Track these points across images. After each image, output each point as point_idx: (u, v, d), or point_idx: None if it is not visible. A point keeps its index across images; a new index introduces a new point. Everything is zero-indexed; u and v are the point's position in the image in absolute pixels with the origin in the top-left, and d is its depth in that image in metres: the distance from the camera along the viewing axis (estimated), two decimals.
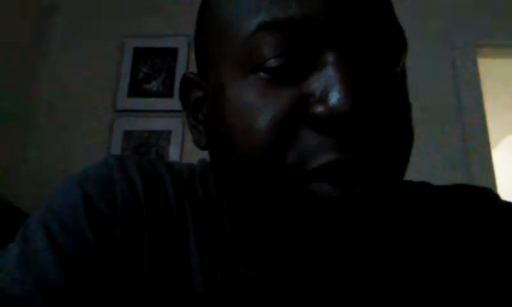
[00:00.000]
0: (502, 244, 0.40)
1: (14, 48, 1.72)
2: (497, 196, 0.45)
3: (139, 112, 1.82)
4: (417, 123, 0.36)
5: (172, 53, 1.88)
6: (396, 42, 0.35)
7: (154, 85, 1.85)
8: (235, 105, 0.34)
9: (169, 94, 1.82)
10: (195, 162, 0.47)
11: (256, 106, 0.32)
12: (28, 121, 1.82)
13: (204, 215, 0.42)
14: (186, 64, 1.85)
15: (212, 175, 0.44)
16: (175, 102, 1.77)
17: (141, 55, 1.89)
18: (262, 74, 0.33)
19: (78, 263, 0.35)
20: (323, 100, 0.31)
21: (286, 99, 0.32)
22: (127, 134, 1.78)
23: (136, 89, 1.85)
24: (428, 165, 1.58)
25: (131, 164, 0.42)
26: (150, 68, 1.87)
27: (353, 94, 0.30)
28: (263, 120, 0.32)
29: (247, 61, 0.34)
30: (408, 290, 0.39)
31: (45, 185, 1.63)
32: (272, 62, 0.32)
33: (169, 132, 1.77)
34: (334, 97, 0.30)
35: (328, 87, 0.31)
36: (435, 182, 0.47)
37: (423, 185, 0.46)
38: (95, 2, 2.00)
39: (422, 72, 1.75)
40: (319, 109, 0.31)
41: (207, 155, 0.42)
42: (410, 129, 0.35)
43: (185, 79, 0.42)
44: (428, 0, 1.90)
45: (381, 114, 0.32)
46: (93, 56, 1.91)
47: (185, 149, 1.74)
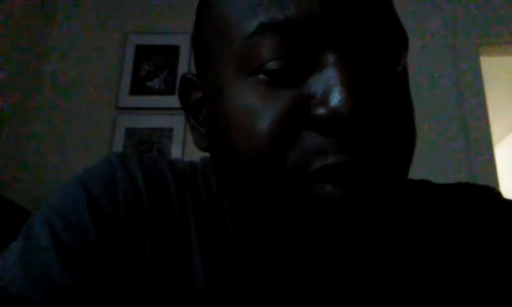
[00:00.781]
0: (504, 242, 0.40)
1: (16, 45, 1.73)
2: (499, 194, 0.45)
3: (141, 109, 1.82)
4: (419, 122, 0.36)
5: (174, 51, 1.88)
6: (397, 41, 0.35)
7: (156, 83, 1.85)
8: (235, 107, 0.34)
9: (171, 91, 1.83)
10: (197, 160, 0.47)
11: (256, 109, 0.32)
12: (30, 118, 1.82)
13: (206, 213, 0.42)
14: (188, 61, 1.85)
15: (214, 174, 0.44)
16: (177, 100, 1.76)
17: (143, 52, 1.89)
18: (262, 76, 0.33)
19: (81, 261, 0.35)
20: (324, 102, 0.30)
21: (286, 101, 0.32)
22: (129, 132, 1.78)
23: (138, 86, 1.85)
24: (430, 163, 1.58)
25: (133, 162, 0.42)
26: (152, 66, 1.87)
27: (354, 95, 0.30)
28: (263, 123, 0.32)
29: (246, 63, 0.33)
30: (409, 289, 0.39)
31: (47, 183, 1.64)
32: (271, 64, 0.32)
33: (171, 130, 1.77)
34: (335, 98, 0.30)
35: (329, 88, 0.31)
36: (437, 181, 0.47)
37: (424, 184, 0.46)
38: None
39: (424, 71, 1.74)
40: (320, 111, 0.30)
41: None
42: (412, 129, 0.35)
43: (184, 80, 0.42)
44: None
45: (383, 115, 0.32)
46: (95, 54, 1.91)
47: (187, 146, 1.74)
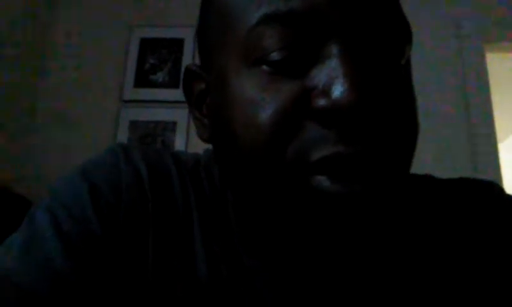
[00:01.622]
0: (506, 238, 0.40)
1: (19, 38, 1.73)
2: (502, 190, 0.45)
3: (145, 102, 1.82)
4: (423, 118, 0.36)
5: (178, 44, 1.88)
6: (401, 34, 0.34)
7: (160, 76, 1.85)
8: (237, 98, 0.34)
9: (175, 85, 1.83)
10: (200, 153, 0.47)
11: (258, 99, 0.32)
12: (35, 110, 1.82)
13: (209, 205, 0.42)
14: (192, 54, 1.84)
15: (217, 166, 0.45)
16: (181, 93, 1.76)
17: (148, 45, 1.89)
18: (265, 67, 0.33)
19: (83, 251, 0.35)
20: (326, 93, 0.30)
21: (289, 92, 0.32)
22: (133, 124, 1.79)
23: (142, 79, 1.85)
24: (434, 160, 1.57)
25: (137, 153, 0.42)
26: (157, 59, 1.87)
27: (356, 87, 0.29)
28: (265, 114, 0.32)
29: (249, 54, 0.33)
30: (411, 284, 0.39)
31: (51, 175, 1.64)
32: (274, 55, 0.32)
33: (174, 123, 1.78)
34: (337, 90, 0.30)
35: (331, 79, 0.30)
36: (441, 176, 0.47)
37: (427, 178, 0.46)
38: None
39: (430, 67, 1.74)
40: (322, 102, 0.30)
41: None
42: (415, 122, 0.35)
43: (188, 71, 0.42)
44: None
45: (385, 107, 0.31)
46: (100, 46, 1.91)
47: (190, 139, 1.75)
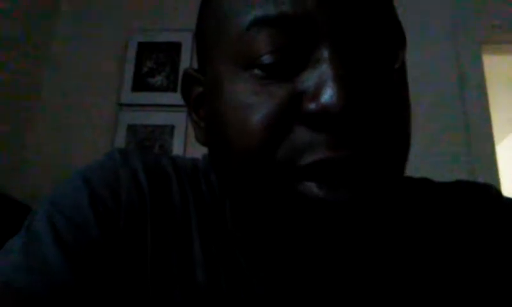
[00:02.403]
0: (503, 241, 0.40)
1: (18, 42, 1.73)
2: (499, 193, 0.45)
3: (143, 106, 1.82)
4: (421, 121, 0.36)
5: (176, 47, 1.88)
6: (393, 38, 0.34)
7: (158, 79, 1.85)
8: (230, 101, 0.34)
9: (173, 88, 1.83)
10: (199, 157, 0.47)
11: (250, 103, 0.33)
12: (32, 114, 1.82)
13: (207, 209, 0.42)
14: (190, 58, 1.84)
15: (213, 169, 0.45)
16: (179, 97, 1.74)
17: (145, 49, 1.89)
18: (256, 71, 0.33)
19: (82, 256, 0.35)
20: (315, 97, 0.31)
21: (279, 96, 0.32)
22: (131, 128, 1.79)
23: (140, 83, 1.85)
24: (431, 162, 1.57)
25: (135, 158, 0.42)
26: (154, 63, 1.87)
27: (345, 91, 0.30)
28: (256, 118, 0.32)
29: (241, 58, 0.34)
30: (408, 288, 0.39)
31: (49, 179, 1.64)
32: (265, 59, 0.32)
33: (172, 127, 1.78)
34: (326, 94, 0.30)
35: (321, 84, 0.31)
36: (438, 178, 0.47)
37: (424, 181, 0.46)
38: None
39: (426, 69, 1.74)
40: (311, 106, 0.31)
41: None
42: (407, 127, 0.35)
43: (186, 75, 0.42)
44: None
45: (374, 112, 0.31)
46: (98, 50, 1.91)
47: (188, 143, 1.74)
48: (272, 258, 0.39)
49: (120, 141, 1.77)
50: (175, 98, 1.78)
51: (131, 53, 1.89)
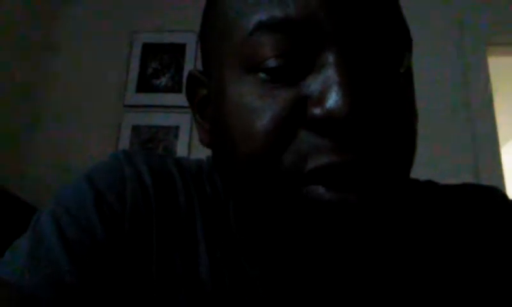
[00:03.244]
0: (508, 243, 0.40)
1: (23, 43, 1.74)
2: (504, 195, 0.44)
3: (147, 107, 1.83)
4: (425, 121, 0.36)
5: (180, 49, 1.88)
6: (399, 42, 0.34)
7: (163, 80, 1.85)
8: (234, 105, 0.34)
9: (177, 89, 1.83)
10: (203, 158, 0.48)
11: (254, 107, 0.32)
12: (37, 115, 1.83)
13: (212, 211, 0.42)
14: (194, 60, 1.85)
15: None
16: (183, 98, 1.74)
17: (150, 50, 1.89)
18: (261, 74, 0.33)
19: (88, 258, 0.35)
20: (320, 102, 0.30)
21: (284, 101, 0.32)
22: (136, 129, 1.79)
23: (145, 84, 1.85)
24: (436, 164, 1.57)
25: (140, 159, 0.42)
26: (159, 64, 1.88)
27: (351, 96, 0.29)
28: (261, 122, 0.32)
29: (246, 61, 0.33)
30: (413, 289, 0.39)
31: (54, 179, 1.64)
32: (270, 63, 0.32)
33: (177, 128, 1.78)
34: (331, 99, 0.30)
35: (326, 88, 0.30)
36: (443, 181, 0.47)
37: (429, 184, 0.46)
38: None
39: (432, 71, 1.73)
40: (316, 111, 0.30)
41: None
42: (412, 131, 0.34)
43: (190, 77, 0.42)
44: None
45: (380, 117, 0.31)
46: (102, 51, 1.92)
47: (193, 144, 1.74)
48: (276, 261, 0.39)
49: (125, 142, 1.77)
50: (180, 99, 1.78)
51: (136, 54, 1.89)
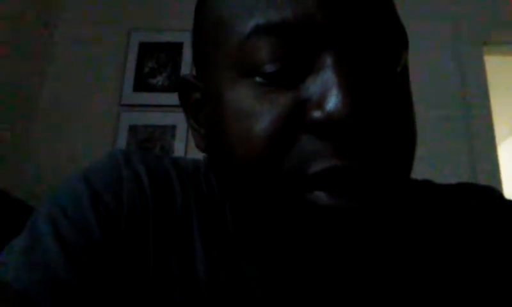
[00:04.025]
0: (505, 243, 0.40)
1: (21, 43, 1.73)
2: (501, 195, 0.44)
3: (144, 106, 1.83)
4: (422, 121, 0.36)
5: (177, 48, 1.88)
6: (396, 41, 0.34)
7: (159, 80, 1.85)
8: (231, 110, 0.33)
9: (174, 89, 1.82)
10: (200, 157, 0.47)
11: (252, 111, 0.32)
12: (33, 114, 1.82)
13: (208, 212, 0.42)
14: (191, 58, 1.84)
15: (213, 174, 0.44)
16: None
17: (147, 49, 1.89)
18: (258, 79, 0.32)
19: (84, 257, 0.35)
20: (320, 105, 0.30)
21: (283, 104, 0.31)
22: (132, 129, 1.79)
23: (141, 83, 1.85)
24: (432, 164, 1.57)
25: (137, 159, 0.42)
26: (156, 63, 1.87)
27: (350, 98, 0.29)
28: (260, 126, 0.31)
29: (242, 66, 0.33)
30: (411, 291, 0.39)
31: (50, 179, 1.64)
32: (268, 67, 0.32)
33: (174, 127, 1.78)
34: (331, 102, 0.29)
35: (325, 91, 0.30)
36: (440, 180, 0.47)
37: (426, 184, 0.46)
38: None
39: (428, 70, 1.74)
40: (316, 115, 0.30)
41: None
42: (412, 132, 0.34)
43: (183, 82, 0.42)
44: None
45: (380, 118, 0.31)
46: (99, 51, 1.91)
47: (190, 144, 1.74)
48: (273, 262, 0.39)
49: (121, 141, 1.77)
50: (177, 99, 1.75)
51: (132, 53, 1.89)
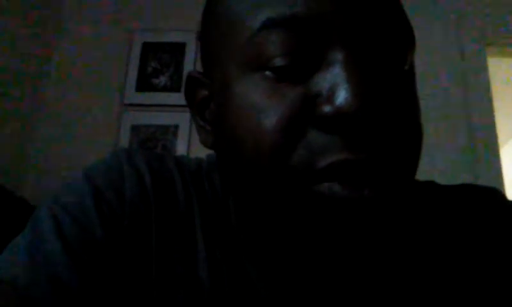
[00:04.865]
0: (509, 244, 0.40)
1: (21, 42, 1.73)
2: (504, 196, 0.44)
3: (147, 106, 1.83)
4: (425, 122, 0.36)
5: (180, 48, 1.88)
6: (404, 39, 0.34)
7: (162, 80, 1.85)
8: (241, 104, 0.34)
9: (177, 89, 1.83)
10: (202, 157, 0.47)
11: (262, 106, 0.32)
12: (36, 114, 1.83)
13: (211, 211, 0.42)
14: (194, 59, 1.85)
15: (218, 172, 0.44)
16: (183, 97, 1.76)
17: (150, 50, 1.90)
18: (268, 73, 0.32)
19: (86, 256, 0.35)
20: (330, 100, 0.30)
21: (292, 99, 0.31)
22: (135, 128, 1.79)
23: (144, 83, 1.85)
24: (435, 164, 1.57)
25: (140, 158, 0.42)
26: (158, 63, 1.88)
27: (360, 93, 0.29)
28: (270, 120, 0.31)
29: (252, 60, 0.33)
30: (413, 290, 0.39)
31: (53, 178, 1.65)
32: (278, 61, 0.32)
33: (176, 127, 1.78)
34: (341, 96, 0.29)
35: (335, 86, 0.30)
36: (442, 181, 0.47)
37: (429, 185, 0.46)
38: None
39: (431, 71, 1.74)
40: (326, 109, 0.30)
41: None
42: (419, 128, 0.34)
43: (190, 78, 0.42)
44: None
45: (389, 113, 0.31)
46: (102, 50, 1.91)
47: (192, 144, 1.75)
48: (277, 261, 0.39)
49: (124, 141, 1.77)
50: (179, 99, 1.78)
51: (135, 53, 1.89)
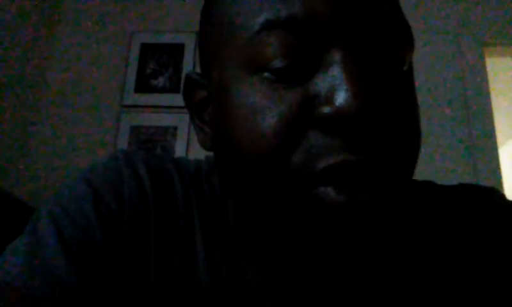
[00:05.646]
0: (507, 245, 0.40)
1: (20, 42, 1.73)
2: (503, 196, 0.44)
3: (145, 107, 1.83)
4: (424, 122, 0.36)
5: (179, 49, 1.88)
6: (402, 40, 0.34)
7: (161, 81, 1.85)
8: (239, 106, 0.34)
9: (175, 90, 1.83)
10: (201, 158, 0.47)
11: (261, 107, 0.32)
12: (35, 115, 1.83)
13: (210, 212, 0.42)
14: (193, 60, 1.85)
15: (217, 173, 0.44)
16: (182, 98, 1.77)
17: (148, 51, 1.89)
18: (267, 74, 0.32)
19: (85, 258, 0.35)
20: (329, 100, 0.30)
21: (291, 100, 0.31)
22: (134, 130, 1.79)
23: (143, 84, 1.85)
24: (434, 164, 1.57)
25: (139, 159, 0.42)
26: (157, 64, 1.88)
27: (359, 93, 0.29)
28: (268, 122, 0.31)
29: (251, 61, 0.33)
30: (412, 291, 0.39)
31: (52, 179, 1.65)
32: (276, 63, 0.32)
33: (175, 128, 1.78)
34: (340, 97, 0.30)
35: (334, 87, 0.30)
36: (441, 181, 0.47)
37: (427, 185, 0.46)
38: None
39: (430, 71, 1.74)
40: (325, 110, 0.30)
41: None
42: (418, 129, 0.35)
43: (188, 79, 0.42)
44: None
45: (388, 114, 0.31)
46: (101, 51, 1.92)
47: (191, 145, 1.75)
48: (276, 262, 0.38)
49: (123, 142, 1.77)
50: (178, 100, 1.78)
51: (134, 54, 1.89)
